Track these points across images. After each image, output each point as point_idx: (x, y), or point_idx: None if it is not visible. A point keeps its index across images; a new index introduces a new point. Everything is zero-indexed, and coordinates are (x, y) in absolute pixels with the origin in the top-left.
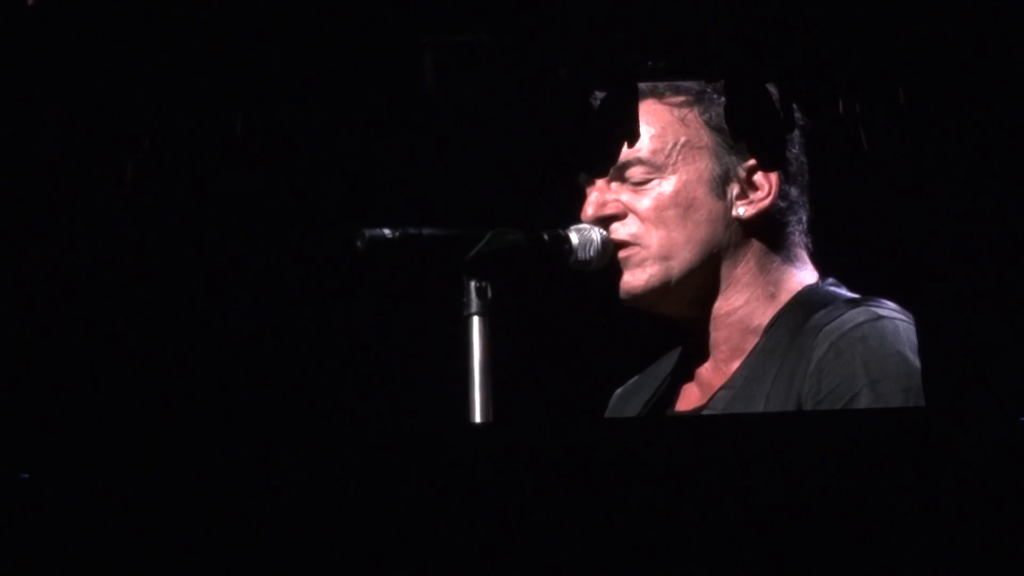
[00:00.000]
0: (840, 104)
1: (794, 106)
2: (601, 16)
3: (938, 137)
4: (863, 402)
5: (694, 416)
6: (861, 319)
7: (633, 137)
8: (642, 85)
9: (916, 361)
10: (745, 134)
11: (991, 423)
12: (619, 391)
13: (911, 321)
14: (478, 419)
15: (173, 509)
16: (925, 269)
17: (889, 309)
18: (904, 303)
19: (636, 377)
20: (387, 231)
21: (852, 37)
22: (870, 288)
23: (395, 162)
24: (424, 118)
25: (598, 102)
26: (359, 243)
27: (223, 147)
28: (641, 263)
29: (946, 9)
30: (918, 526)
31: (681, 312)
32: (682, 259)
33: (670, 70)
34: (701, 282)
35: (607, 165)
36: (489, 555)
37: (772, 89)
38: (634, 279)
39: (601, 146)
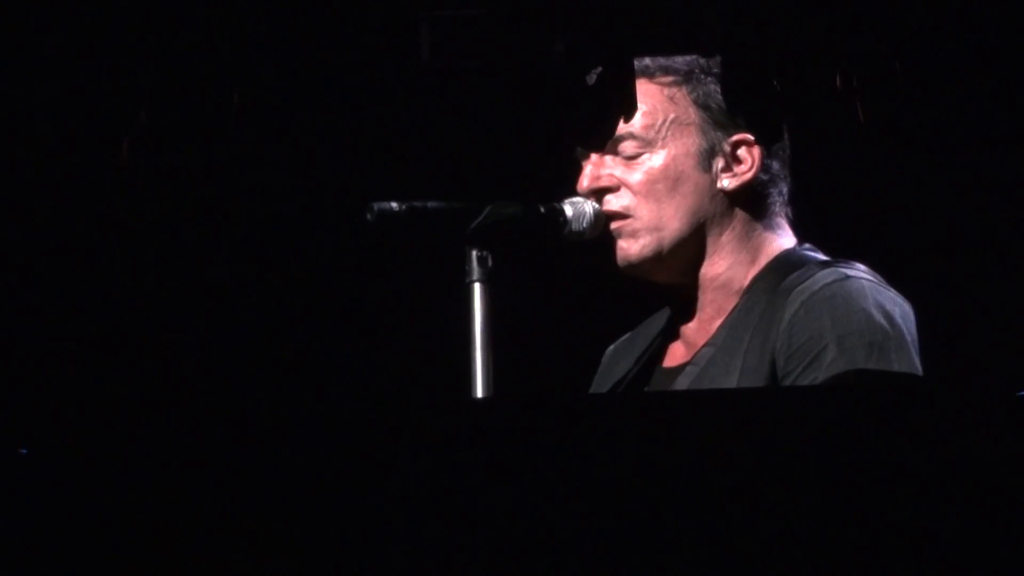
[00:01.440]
0: (837, 78)
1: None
2: None
3: (934, 110)
4: (829, 355)
5: (689, 392)
6: (830, 279)
7: (630, 112)
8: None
9: (880, 317)
10: (742, 109)
11: (990, 398)
12: (611, 348)
13: (878, 280)
14: (479, 380)
15: (171, 468)
16: (922, 246)
17: (857, 270)
18: (902, 278)
19: (628, 335)
20: (395, 204)
21: (849, 10)
22: (849, 253)
23: (395, 135)
24: (422, 91)
25: (594, 76)
26: (369, 215)
27: (220, 120)
28: (634, 233)
29: None
30: (915, 504)
31: (672, 278)
32: (672, 229)
33: (666, 45)
34: (690, 250)
35: (604, 139)
36: (484, 535)
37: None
38: (630, 249)
39: (599, 121)
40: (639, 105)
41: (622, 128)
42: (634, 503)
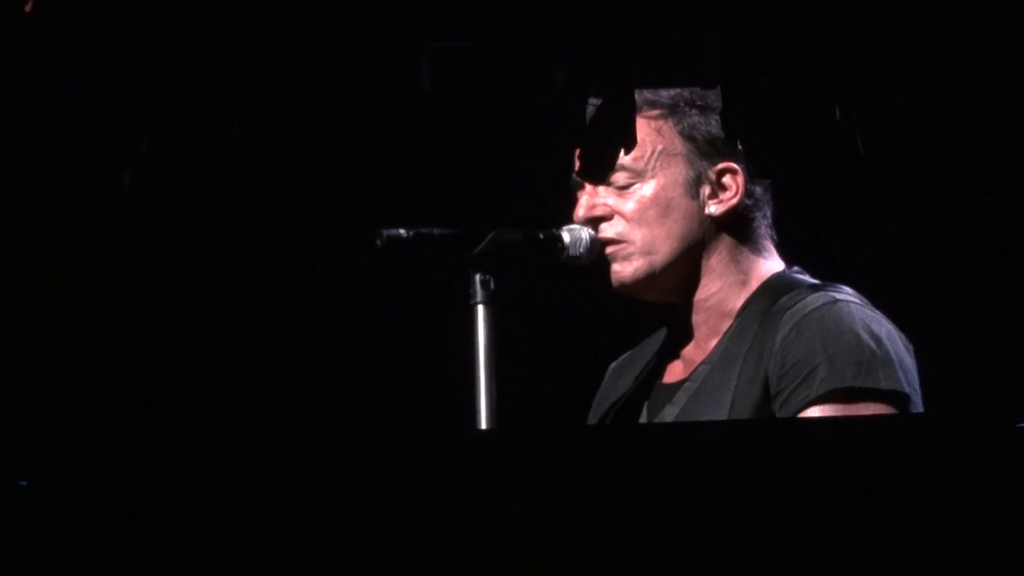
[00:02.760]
0: (837, 110)
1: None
2: (598, 23)
3: (933, 141)
4: (820, 374)
5: (690, 423)
6: (820, 303)
7: (631, 145)
8: None
9: (867, 338)
10: (742, 140)
11: (989, 429)
12: (613, 365)
13: (864, 303)
14: (483, 399)
15: (177, 512)
16: (921, 273)
17: (844, 294)
18: (900, 305)
19: (629, 353)
20: (402, 231)
21: (848, 43)
22: (841, 276)
23: (396, 165)
24: (424, 122)
25: (593, 109)
26: (378, 241)
27: (221, 151)
28: (628, 257)
29: (940, 14)
30: (914, 534)
31: (665, 298)
32: (663, 253)
33: (666, 77)
34: (681, 272)
35: (605, 173)
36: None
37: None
38: (623, 271)
39: (599, 155)
40: None
41: None
42: (633, 532)
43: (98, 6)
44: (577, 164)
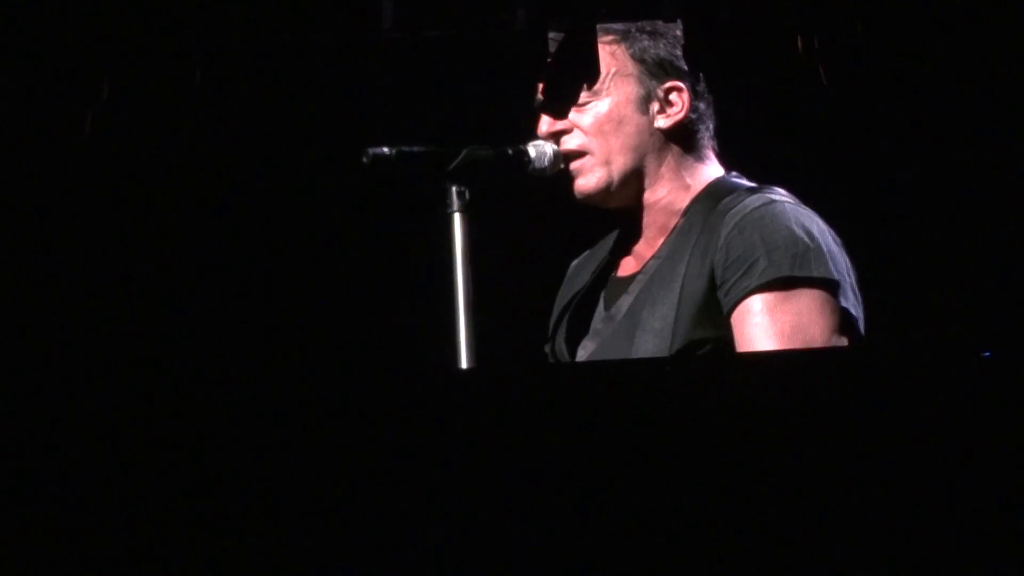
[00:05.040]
0: (798, 41)
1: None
2: None
3: (896, 73)
4: (761, 266)
5: (668, 359)
6: (758, 203)
7: (593, 79)
8: None
9: (801, 233)
10: (702, 68)
11: (955, 359)
12: (574, 263)
13: (796, 203)
14: (461, 299)
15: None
16: (884, 207)
17: (780, 195)
18: (864, 236)
19: (587, 252)
20: (386, 149)
21: None
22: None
23: (371, 92)
24: (391, 54)
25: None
26: (364, 159)
27: (183, 94)
28: (589, 168)
29: None
30: (879, 472)
31: (621, 203)
32: (619, 163)
33: (628, 11)
34: (635, 179)
35: (568, 107)
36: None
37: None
38: (586, 183)
39: (563, 89)
40: None
41: None
42: (612, 474)
43: None
44: (541, 98)
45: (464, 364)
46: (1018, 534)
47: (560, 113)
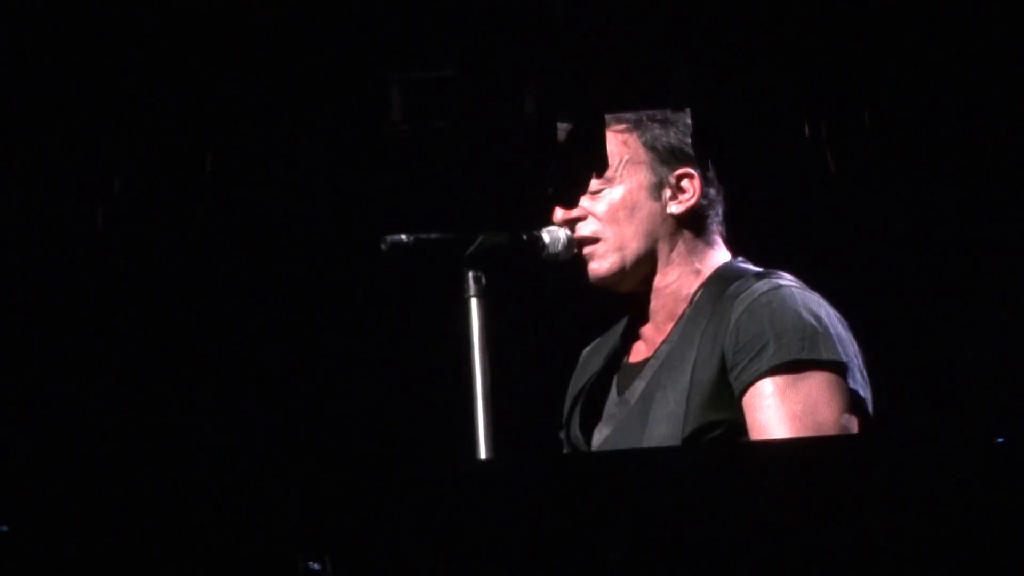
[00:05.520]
0: (806, 126)
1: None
2: (567, 49)
3: (902, 158)
4: (771, 349)
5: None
6: (766, 288)
7: (602, 168)
8: None
9: (809, 317)
10: (711, 155)
11: (971, 445)
12: (587, 349)
13: (803, 287)
14: (478, 383)
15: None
16: (894, 294)
17: (787, 280)
18: (875, 324)
19: (598, 339)
20: (403, 236)
21: (817, 60)
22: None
23: (385, 181)
24: (402, 143)
25: (564, 133)
26: (382, 246)
27: (194, 184)
28: (603, 254)
29: (909, 33)
30: (896, 553)
31: (633, 288)
32: (632, 248)
33: (636, 101)
34: (647, 264)
35: (578, 196)
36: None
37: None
38: (599, 267)
39: (572, 179)
40: None
41: None
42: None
43: (65, 40)
44: (552, 188)
45: (482, 447)
46: None
47: (571, 202)
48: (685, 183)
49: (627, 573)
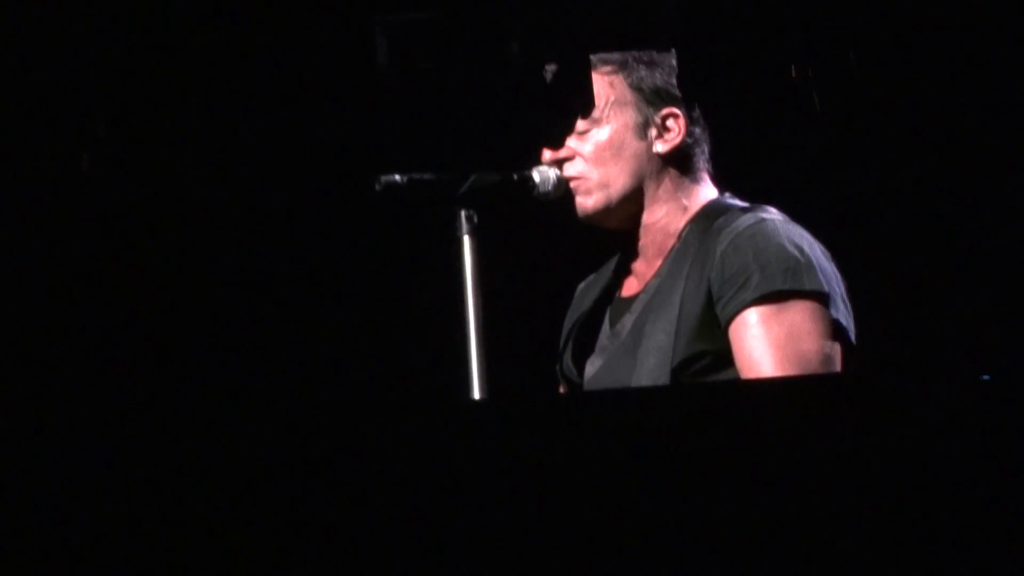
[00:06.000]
0: (792, 68)
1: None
2: None
3: (888, 100)
4: (755, 280)
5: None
6: (751, 221)
7: (588, 109)
8: None
9: (792, 249)
10: (696, 95)
11: (953, 383)
12: (581, 285)
13: (786, 220)
14: (471, 319)
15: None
16: (878, 230)
17: (771, 213)
18: (854, 260)
19: (592, 275)
20: (398, 176)
21: (803, 1)
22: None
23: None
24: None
25: (550, 74)
26: (377, 186)
27: (179, 129)
28: (588, 191)
29: None
30: (876, 491)
31: (620, 225)
32: (618, 186)
33: (622, 41)
34: (633, 201)
35: (564, 136)
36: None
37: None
38: (586, 203)
39: (558, 120)
40: None
41: None
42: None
43: None
44: (539, 130)
45: (475, 384)
46: (1015, 559)
47: (557, 143)
48: (670, 123)
49: (617, 514)
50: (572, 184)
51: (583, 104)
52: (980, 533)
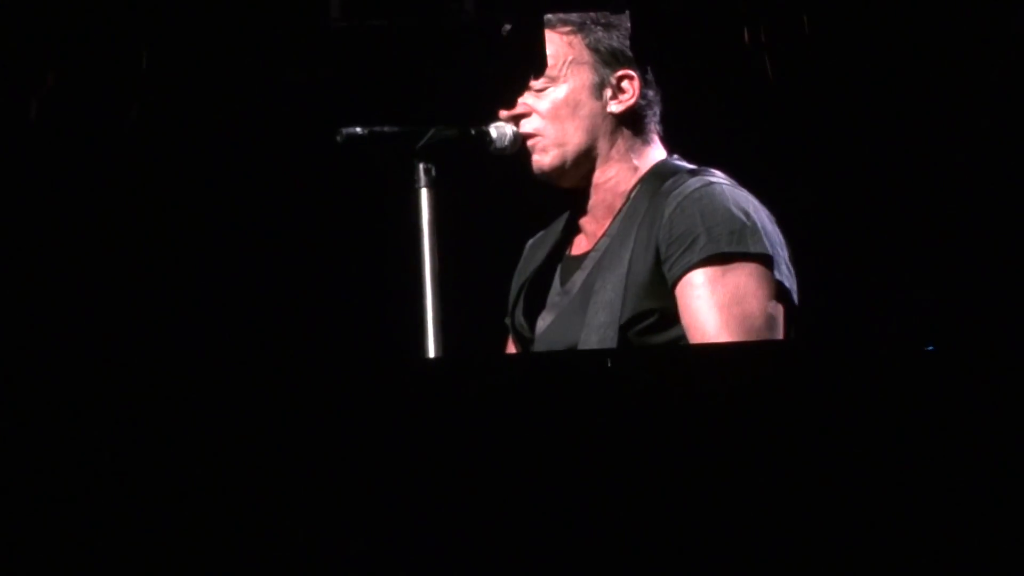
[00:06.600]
0: (745, 32)
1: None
2: None
3: (841, 65)
4: (701, 242)
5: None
6: (698, 184)
7: (541, 70)
8: None
9: (738, 212)
10: (648, 58)
11: (900, 352)
12: (531, 241)
13: (733, 184)
14: (427, 270)
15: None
16: (825, 196)
17: (718, 177)
18: (802, 231)
19: (542, 232)
20: (358, 129)
21: None
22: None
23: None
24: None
25: (504, 32)
26: (338, 138)
27: (129, 80)
28: (544, 149)
29: None
30: (823, 462)
31: (574, 183)
32: (573, 144)
33: (575, 1)
34: (587, 160)
35: (516, 96)
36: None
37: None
38: (541, 161)
39: (511, 79)
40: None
41: None
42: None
43: None
44: (491, 87)
45: (430, 336)
46: (950, 523)
47: (511, 102)
48: (625, 84)
49: (564, 477)
50: (528, 142)
51: (535, 64)
52: (922, 500)
